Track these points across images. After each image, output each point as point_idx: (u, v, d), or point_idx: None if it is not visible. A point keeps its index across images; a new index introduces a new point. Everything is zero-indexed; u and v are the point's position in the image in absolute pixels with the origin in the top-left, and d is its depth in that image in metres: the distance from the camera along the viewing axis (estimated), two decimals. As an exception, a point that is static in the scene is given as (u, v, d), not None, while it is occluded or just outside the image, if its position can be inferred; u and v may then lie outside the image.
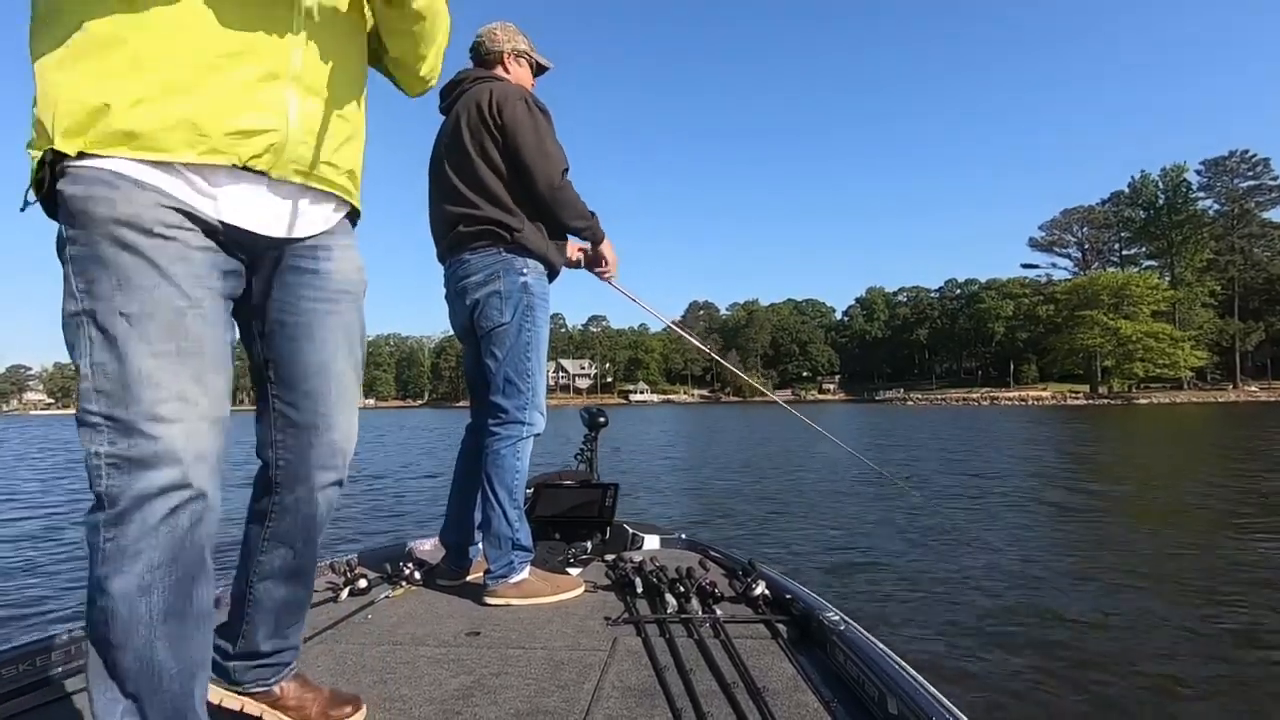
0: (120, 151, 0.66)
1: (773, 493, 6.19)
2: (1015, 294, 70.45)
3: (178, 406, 0.65)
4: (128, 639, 0.64)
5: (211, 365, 0.69)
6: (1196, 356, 47.97)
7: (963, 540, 3.09)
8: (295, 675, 0.94)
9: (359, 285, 0.87)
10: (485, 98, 1.47)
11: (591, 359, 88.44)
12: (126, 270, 0.65)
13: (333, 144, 0.80)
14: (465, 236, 1.49)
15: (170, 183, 0.69)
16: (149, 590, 0.64)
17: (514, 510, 1.48)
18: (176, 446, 0.64)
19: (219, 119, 0.69)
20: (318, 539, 0.87)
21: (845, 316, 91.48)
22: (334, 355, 0.83)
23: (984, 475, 7.25)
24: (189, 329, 0.67)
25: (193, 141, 0.69)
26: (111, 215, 0.65)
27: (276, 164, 0.74)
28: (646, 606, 1.37)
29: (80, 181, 0.66)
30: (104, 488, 0.63)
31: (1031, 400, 50.75)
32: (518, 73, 1.61)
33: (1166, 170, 54.66)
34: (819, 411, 36.31)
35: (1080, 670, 2.15)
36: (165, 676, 0.65)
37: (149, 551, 0.64)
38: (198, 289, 0.69)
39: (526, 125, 1.45)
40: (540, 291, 1.52)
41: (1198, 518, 4.66)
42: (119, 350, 0.64)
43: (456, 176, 1.50)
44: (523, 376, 1.50)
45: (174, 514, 0.64)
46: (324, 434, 0.83)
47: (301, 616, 0.92)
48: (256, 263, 0.80)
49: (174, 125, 0.67)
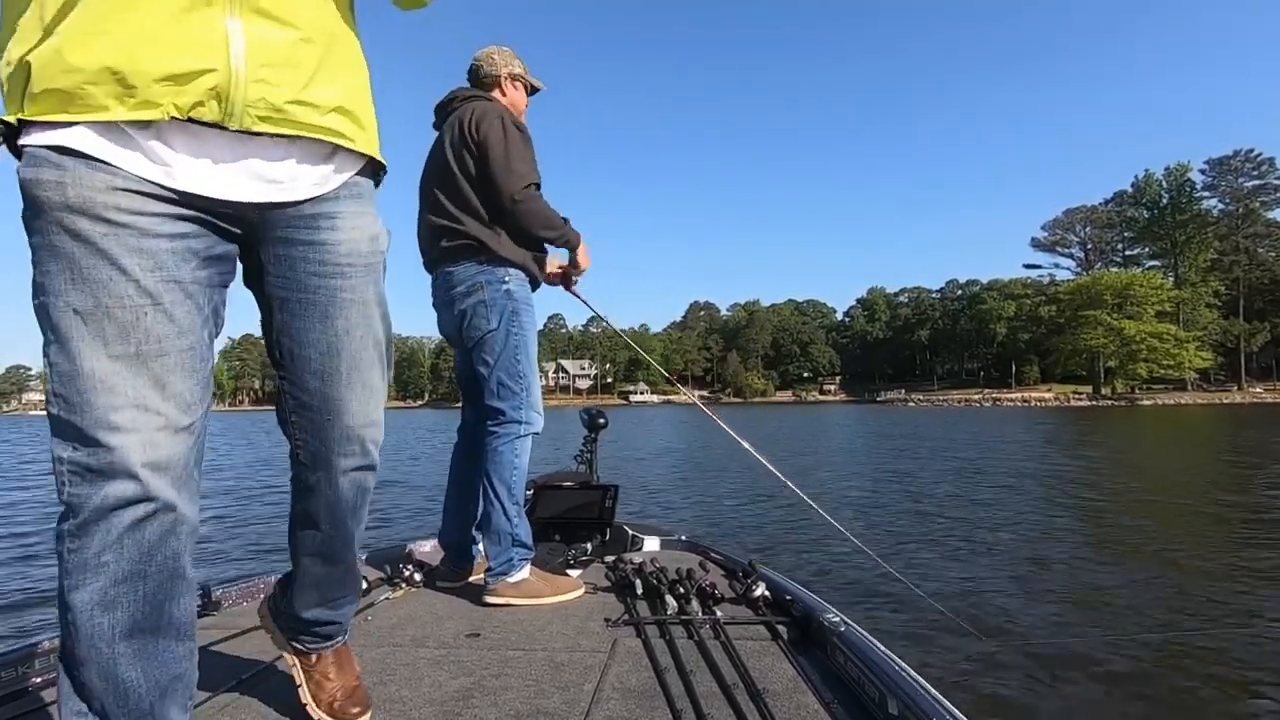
0: (57, 116, 0.57)
1: (772, 492, 6.18)
2: (1017, 294, 70.24)
3: (133, 415, 0.59)
4: (90, 654, 0.60)
5: (177, 367, 0.62)
6: (1202, 357, 47.67)
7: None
8: (337, 653, 0.92)
9: (372, 256, 0.76)
10: (468, 116, 1.54)
11: (591, 359, 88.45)
12: (78, 262, 0.58)
13: (301, 76, 0.66)
14: (448, 251, 1.55)
15: (121, 154, 0.60)
16: (112, 606, 0.60)
17: (513, 506, 1.49)
18: (130, 459, 0.58)
19: (145, 62, 0.57)
20: (349, 522, 0.82)
21: (846, 317, 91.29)
22: (345, 333, 0.75)
23: (990, 473, 7.22)
24: (149, 329, 0.61)
25: (119, 94, 0.57)
26: (62, 201, 0.58)
27: (228, 112, 0.62)
28: (646, 608, 1.37)
29: (29, 163, 0.59)
30: (66, 496, 0.59)
31: (1034, 401, 50.59)
32: (513, 95, 1.68)
33: (1170, 169, 54.37)
34: (819, 412, 36.19)
35: (1080, 669, 2.14)
36: (132, 694, 0.62)
37: (113, 565, 0.59)
38: (160, 283, 0.62)
39: (496, 141, 1.52)
40: (524, 297, 1.57)
41: (1211, 519, 4.63)
42: (71, 350, 0.58)
43: (440, 192, 1.56)
44: (515, 378, 1.54)
45: (138, 527, 0.60)
46: (337, 418, 0.76)
47: (343, 595, 0.88)
48: (256, 236, 0.71)
49: (96, 75, 0.57)
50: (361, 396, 0.78)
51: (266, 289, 0.74)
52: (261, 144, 0.66)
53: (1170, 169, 54.48)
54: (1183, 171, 53.92)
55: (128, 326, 0.60)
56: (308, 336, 0.75)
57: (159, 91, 0.59)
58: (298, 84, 0.66)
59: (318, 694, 0.90)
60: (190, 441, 0.64)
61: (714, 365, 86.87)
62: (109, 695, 0.62)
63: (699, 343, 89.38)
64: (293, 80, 0.65)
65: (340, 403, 0.76)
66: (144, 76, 0.58)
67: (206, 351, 0.67)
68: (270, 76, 0.64)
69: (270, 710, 0.95)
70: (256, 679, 1.04)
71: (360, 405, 0.78)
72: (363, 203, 0.76)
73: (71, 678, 0.62)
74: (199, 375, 0.65)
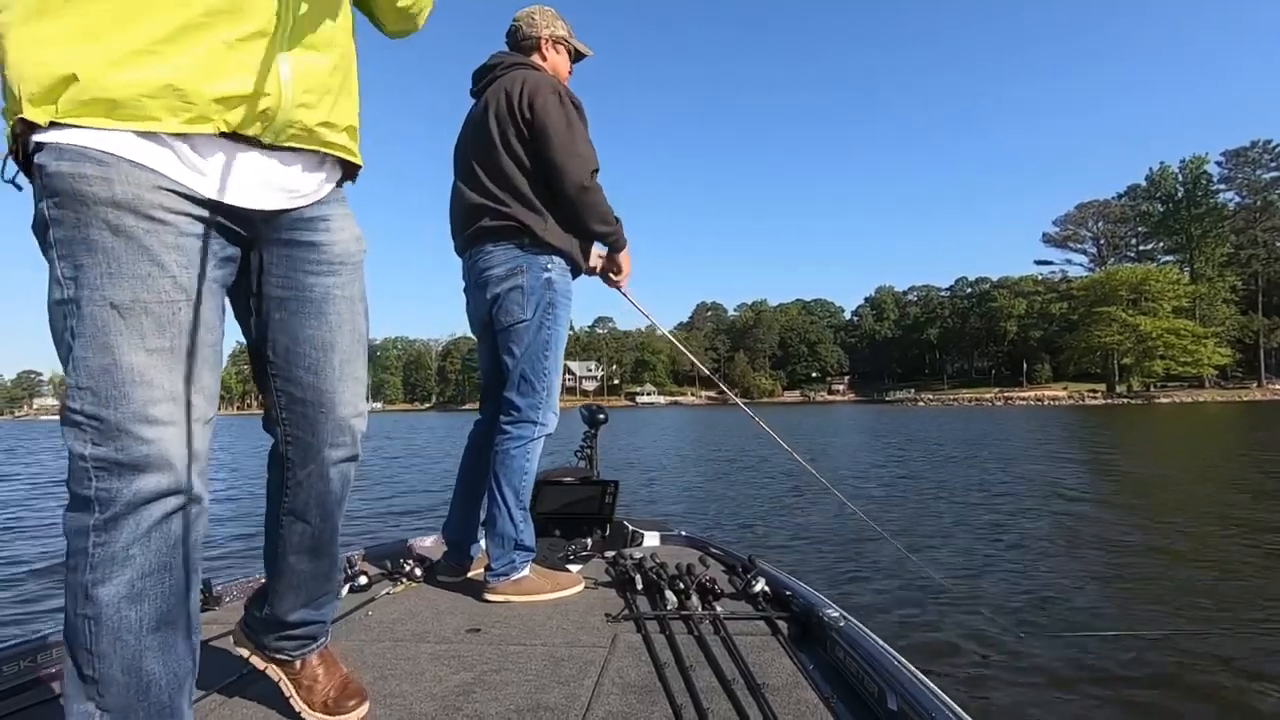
0: (100, 122, 0.60)
1: (774, 492, 6.14)
2: (1028, 292, 69.41)
3: (171, 408, 0.61)
4: (114, 649, 0.60)
5: (205, 362, 0.65)
6: (1221, 354, 46.73)
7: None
8: (321, 654, 0.92)
9: (358, 255, 0.82)
10: (516, 87, 1.41)
11: (598, 361, 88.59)
12: (118, 256, 0.60)
13: (330, 101, 0.73)
14: (487, 231, 1.44)
15: (163, 158, 0.63)
16: (140, 598, 0.61)
17: (519, 511, 1.47)
18: (170, 451, 0.60)
19: (204, 83, 0.63)
20: (336, 514, 0.84)
21: (854, 316, 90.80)
22: (338, 329, 0.79)
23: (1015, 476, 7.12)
24: (184, 324, 0.63)
25: (176, 109, 0.62)
26: (109, 196, 0.60)
27: (269, 130, 0.68)
28: (646, 603, 1.37)
29: (66, 157, 0.60)
30: (92, 491, 0.60)
31: (1048, 400, 49.86)
32: (555, 60, 1.54)
33: (1186, 162, 53.46)
34: (827, 412, 35.92)
35: (1080, 668, 2.10)
36: (154, 687, 0.62)
37: (141, 558, 0.60)
38: (193, 280, 0.65)
39: (558, 121, 1.38)
40: (564, 289, 1.47)
41: (1242, 523, 4.52)
42: (107, 343, 0.60)
43: (481, 168, 1.44)
44: (539, 375, 1.47)
45: (168, 519, 0.61)
46: (330, 410, 0.79)
47: (326, 592, 0.89)
48: (255, 239, 0.75)
49: (156, 91, 0.61)
50: (352, 388, 0.82)
51: (265, 288, 0.77)
52: (286, 157, 0.73)
53: (1186, 161, 53.57)
54: (1199, 164, 52.98)
55: (164, 321, 0.62)
56: (304, 333, 0.78)
57: (213, 109, 0.64)
58: (327, 107, 0.73)
59: (310, 698, 0.90)
60: (212, 435, 0.68)
61: (721, 366, 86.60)
62: (131, 689, 0.61)
63: (706, 343, 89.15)
64: (325, 104, 0.73)
65: (333, 395, 0.80)
66: (203, 96, 0.63)
67: (221, 347, 0.71)
68: (310, 100, 0.71)
69: (270, 704, 0.95)
70: (256, 673, 1.04)
71: (352, 396, 0.82)
72: (346, 205, 0.83)
73: (86, 673, 0.61)
74: (218, 371, 0.69)
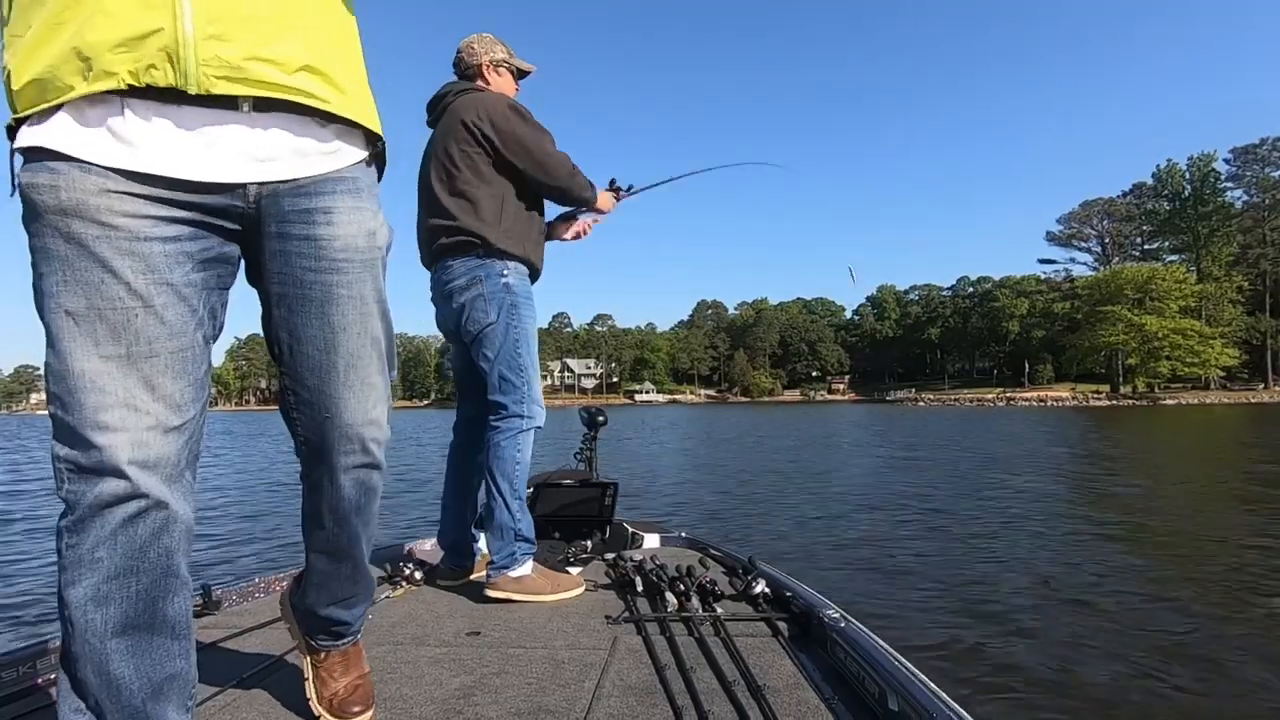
0: (38, 105, 0.60)
1: (773, 491, 6.13)
2: (1030, 291, 68.99)
3: (123, 414, 0.60)
4: (84, 650, 0.61)
5: (168, 368, 0.63)
6: (1228, 355, 46.13)
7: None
8: (345, 652, 0.92)
9: (370, 252, 0.75)
10: (469, 110, 1.53)
11: (597, 359, 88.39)
12: (71, 264, 0.60)
13: (259, 30, 0.63)
14: (447, 246, 1.54)
15: (98, 143, 0.60)
16: (105, 601, 0.61)
17: (515, 501, 1.50)
18: (119, 457, 0.59)
19: (98, 33, 0.58)
20: (354, 520, 0.81)
21: (855, 315, 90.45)
22: (342, 330, 0.74)
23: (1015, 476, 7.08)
24: (140, 331, 0.61)
25: (81, 70, 0.58)
26: (56, 204, 0.60)
27: (182, 73, 0.59)
28: (647, 605, 1.37)
29: (27, 168, 0.61)
30: (64, 493, 0.61)
31: (1051, 401, 49.51)
32: (498, 82, 1.65)
33: (1194, 159, 52.80)
34: (827, 413, 35.86)
35: (1081, 667, 2.10)
36: (124, 691, 0.62)
37: (106, 561, 0.60)
38: (152, 285, 0.62)
39: (526, 132, 1.52)
40: (523, 290, 1.57)
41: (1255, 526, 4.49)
42: (62, 350, 0.60)
43: (437, 188, 1.55)
44: (516, 372, 1.54)
45: (130, 523, 0.61)
46: (336, 416, 0.75)
47: (354, 594, 0.88)
48: (253, 231, 0.71)
49: (64, 56, 0.58)
50: (360, 394, 0.76)
51: (265, 284, 0.74)
52: (239, 116, 0.64)
53: (1194, 159, 52.96)
54: (1207, 161, 52.39)
55: (119, 328, 0.61)
56: (305, 333, 0.74)
57: (112, 60, 0.58)
58: (255, 39, 0.63)
59: (321, 691, 0.91)
60: (181, 441, 0.64)
61: (721, 364, 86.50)
62: (102, 691, 0.62)
63: (706, 341, 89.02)
64: (248, 35, 0.62)
65: (338, 400, 0.75)
66: (98, 47, 0.58)
67: (200, 353, 0.67)
68: (222, 32, 0.61)
69: (271, 710, 0.95)
70: (257, 678, 1.05)
71: (359, 403, 0.76)
72: (360, 197, 0.75)
73: (69, 674, 0.62)
74: (191, 376, 0.66)
